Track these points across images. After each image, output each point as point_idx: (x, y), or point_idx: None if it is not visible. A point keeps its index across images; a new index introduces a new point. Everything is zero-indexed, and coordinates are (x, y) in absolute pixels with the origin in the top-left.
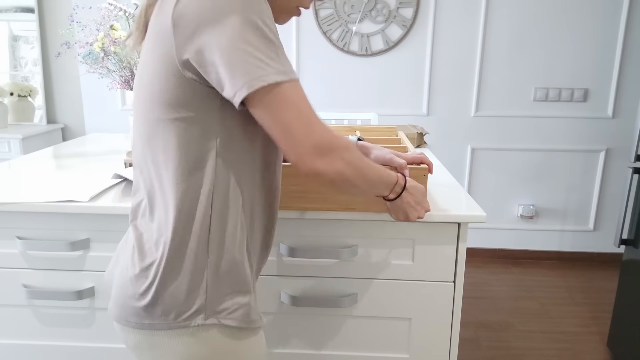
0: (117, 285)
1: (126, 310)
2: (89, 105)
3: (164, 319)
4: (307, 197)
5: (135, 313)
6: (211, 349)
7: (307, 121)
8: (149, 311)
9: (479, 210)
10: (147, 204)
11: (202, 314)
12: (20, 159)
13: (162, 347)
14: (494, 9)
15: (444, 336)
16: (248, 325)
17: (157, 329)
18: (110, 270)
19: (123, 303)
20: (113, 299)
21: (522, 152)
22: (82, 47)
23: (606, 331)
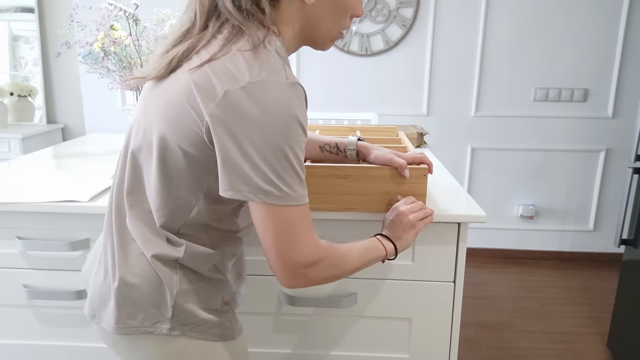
0: (94, 284)
1: (100, 308)
2: (89, 105)
3: (132, 321)
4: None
5: (108, 312)
6: (179, 355)
7: (298, 242)
8: (119, 311)
9: (479, 210)
10: (129, 214)
11: (168, 324)
12: (20, 159)
13: (136, 349)
14: (493, 9)
15: (444, 336)
16: (216, 339)
17: (127, 330)
18: (87, 268)
19: (98, 302)
20: (89, 297)
21: (522, 152)
22: (82, 47)
23: (606, 331)
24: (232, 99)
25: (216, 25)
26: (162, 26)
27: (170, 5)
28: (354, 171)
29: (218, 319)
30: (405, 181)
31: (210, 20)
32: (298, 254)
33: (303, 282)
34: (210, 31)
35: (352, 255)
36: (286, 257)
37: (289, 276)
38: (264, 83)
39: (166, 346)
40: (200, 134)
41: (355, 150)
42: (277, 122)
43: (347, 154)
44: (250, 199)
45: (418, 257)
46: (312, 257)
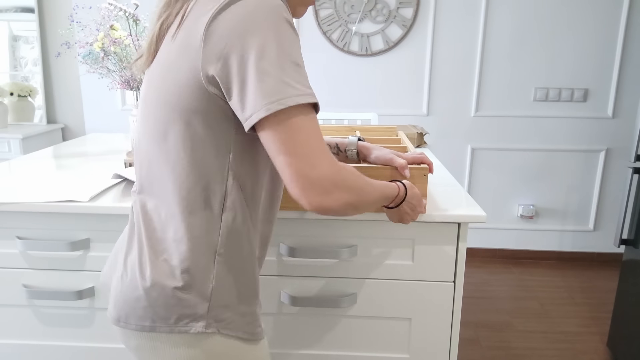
0: (119, 287)
1: (127, 311)
2: (89, 105)
3: (165, 322)
4: None
5: (137, 315)
6: (209, 356)
7: (315, 155)
8: (149, 313)
9: (479, 210)
10: (157, 209)
11: (203, 321)
12: (20, 159)
13: (164, 350)
14: (494, 9)
15: (444, 336)
16: (248, 337)
17: (157, 332)
18: (107, 272)
19: (124, 304)
20: (113, 301)
21: (522, 152)
22: (82, 47)
23: (606, 331)
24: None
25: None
26: None
27: None
28: None
29: (251, 315)
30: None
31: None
32: (320, 169)
33: (329, 201)
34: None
35: (371, 182)
36: (308, 174)
37: (314, 195)
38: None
39: (199, 345)
40: (205, 83)
41: (356, 150)
42: (268, 23)
43: (348, 154)
44: (270, 110)
45: (418, 257)
46: (335, 175)
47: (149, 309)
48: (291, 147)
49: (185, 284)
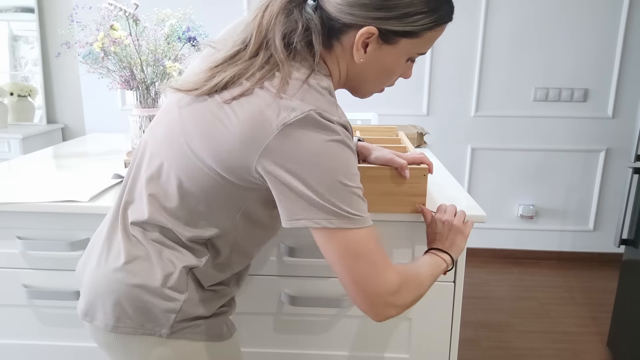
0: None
1: (95, 306)
2: (89, 105)
3: (131, 322)
4: None
5: (104, 311)
6: (177, 357)
7: (378, 273)
8: (117, 311)
9: (479, 210)
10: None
11: (167, 329)
12: (20, 159)
13: (131, 349)
14: (494, 9)
15: (444, 336)
16: (213, 339)
17: (126, 333)
18: (82, 267)
19: (94, 299)
20: (84, 294)
21: (522, 152)
22: (82, 47)
23: (606, 331)
24: (287, 132)
25: (266, 56)
26: (162, 26)
27: (170, 5)
28: None
29: (217, 320)
30: (406, 181)
31: (262, 49)
32: (382, 284)
33: (394, 311)
34: (259, 61)
35: (424, 272)
36: (370, 289)
37: (380, 309)
38: (319, 115)
39: (164, 347)
40: (248, 168)
41: (356, 151)
42: (331, 154)
43: None
44: (322, 225)
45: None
46: (395, 284)
47: (120, 307)
48: (354, 259)
49: (157, 290)
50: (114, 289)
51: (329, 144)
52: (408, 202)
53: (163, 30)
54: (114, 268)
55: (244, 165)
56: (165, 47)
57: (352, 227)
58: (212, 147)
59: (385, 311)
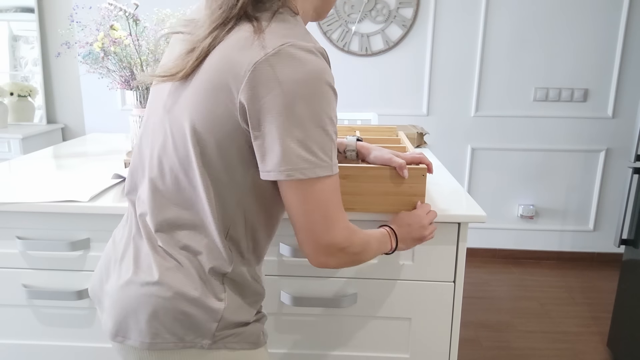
0: (118, 298)
1: (128, 324)
2: (89, 105)
3: (172, 336)
4: None
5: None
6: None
7: (330, 221)
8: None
9: (479, 210)
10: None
11: (210, 339)
12: (20, 159)
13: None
14: (494, 9)
15: (444, 336)
16: (252, 347)
17: (165, 349)
18: (98, 285)
19: (125, 317)
20: (111, 313)
21: (522, 152)
22: (82, 47)
23: (606, 331)
24: (261, 71)
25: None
26: (162, 26)
27: (170, 5)
28: (353, 171)
29: (255, 327)
30: (405, 181)
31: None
32: (333, 235)
33: (332, 263)
34: (231, 24)
35: (372, 244)
36: (321, 238)
37: (321, 257)
38: (292, 47)
39: (205, 358)
40: (236, 118)
41: (355, 150)
42: (310, 89)
43: (347, 155)
44: (291, 176)
45: (418, 257)
46: (344, 241)
47: (156, 321)
48: (309, 210)
49: (196, 299)
50: (149, 303)
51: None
52: (407, 202)
53: (163, 30)
54: (146, 282)
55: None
56: (165, 47)
57: (322, 174)
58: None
59: (325, 260)
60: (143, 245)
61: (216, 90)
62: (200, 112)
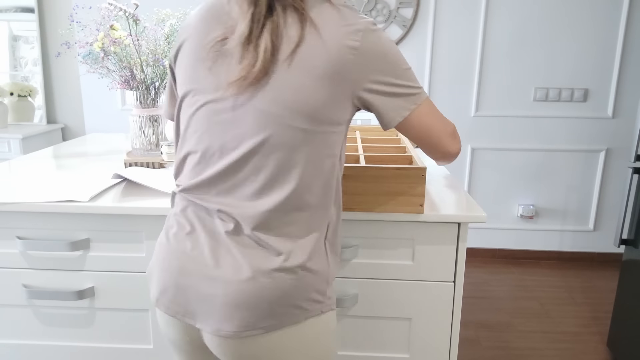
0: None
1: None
2: (89, 105)
3: (301, 311)
4: None
5: (266, 315)
6: (329, 332)
7: (444, 122)
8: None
9: (479, 210)
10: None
11: (329, 301)
12: (20, 159)
13: (294, 340)
14: (494, 9)
15: (444, 336)
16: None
17: (295, 323)
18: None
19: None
20: (233, 310)
21: (522, 152)
22: (82, 47)
23: (606, 331)
24: (368, 45)
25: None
26: (162, 26)
27: (170, 5)
28: (353, 171)
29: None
30: (404, 181)
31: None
32: (448, 131)
33: (456, 149)
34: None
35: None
36: (444, 139)
37: (451, 151)
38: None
39: (322, 324)
40: (353, 98)
41: None
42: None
43: None
44: (413, 108)
45: (418, 257)
46: (453, 131)
47: (283, 303)
48: (433, 127)
49: (316, 271)
50: (280, 287)
51: (389, 41)
52: (407, 202)
53: (163, 30)
54: (274, 268)
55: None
56: (165, 47)
57: (425, 97)
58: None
59: (453, 150)
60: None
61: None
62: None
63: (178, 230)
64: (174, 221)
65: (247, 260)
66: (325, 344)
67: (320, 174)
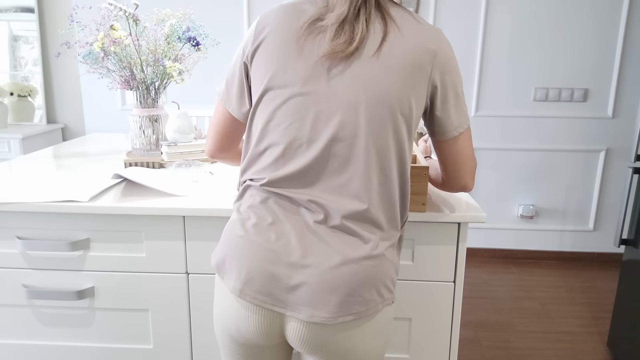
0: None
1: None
2: (89, 105)
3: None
4: None
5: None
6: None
7: (474, 156)
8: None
9: (479, 210)
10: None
11: (394, 292)
12: (20, 159)
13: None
14: (494, 9)
15: (444, 336)
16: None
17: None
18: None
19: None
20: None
21: (523, 152)
22: (82, 47)
23: (606, 331)
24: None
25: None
26: (162, 26)
27: (170, 5)
28: None
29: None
30: None
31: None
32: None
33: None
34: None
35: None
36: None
37: (470, 184)
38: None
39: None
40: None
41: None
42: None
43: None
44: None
45: (418, 257)
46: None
47: (369, 288)
48: (468, 153)
49: (391, 259)
50: (367, 273)
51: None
52: (410, 200)
53: (163, 30)
54: (363, 256)
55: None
56: (165, 47)
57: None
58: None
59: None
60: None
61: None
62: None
63: (258, 221)
64: (250, 213)
65: (337, 248)
66: (391, 333)
67: (403, 165)
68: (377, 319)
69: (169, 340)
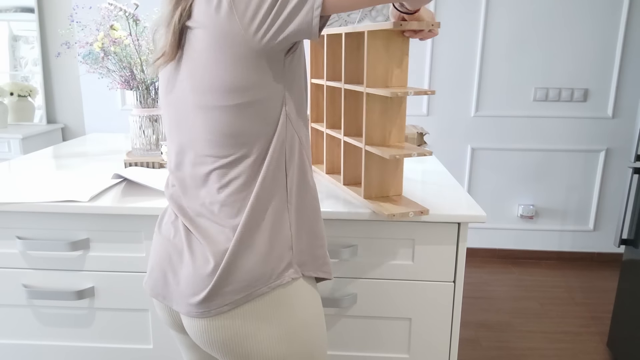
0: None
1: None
2: (89, 105)
3: (263, 282)
4: None
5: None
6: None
7: None
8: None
9: (479, 210)
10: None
11: (292, 268)
12: (20, 159)
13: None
14: (493, 9)
15: (444, 336)
16: (324, 276)
17: (254, 298)
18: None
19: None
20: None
21: (522, 152)
22: (82, 47)
23: (606, 331)
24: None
25: None
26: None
27: None
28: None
29: (325, 253)
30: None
31: None
32: None
33: None
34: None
35: None
36: None
37: None
38: None
39: (291, 292)
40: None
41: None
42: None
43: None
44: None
45: (418, 257)
46: None
47: (246, 277)
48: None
49: (270, 234)
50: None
51: None
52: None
53: None
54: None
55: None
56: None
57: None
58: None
59: None
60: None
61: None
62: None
63: (167, 219)
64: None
65: (207, 243)
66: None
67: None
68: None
69: (169, 340)
